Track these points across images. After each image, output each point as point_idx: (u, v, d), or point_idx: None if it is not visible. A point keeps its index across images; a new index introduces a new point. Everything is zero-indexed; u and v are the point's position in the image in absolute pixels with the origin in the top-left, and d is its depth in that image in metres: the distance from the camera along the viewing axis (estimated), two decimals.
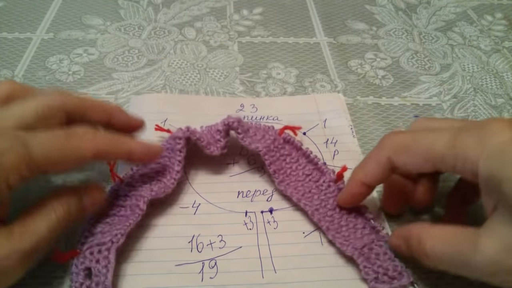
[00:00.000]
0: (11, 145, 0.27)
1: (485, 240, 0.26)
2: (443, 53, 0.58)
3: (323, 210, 0.36)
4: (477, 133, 0.27)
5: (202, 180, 0.40)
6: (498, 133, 0.26)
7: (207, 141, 0.39)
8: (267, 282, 0.33)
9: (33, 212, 0.29)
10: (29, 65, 0.51)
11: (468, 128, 0.28)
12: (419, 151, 0.30)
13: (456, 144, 0.28)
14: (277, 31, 0.60)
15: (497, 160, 0.26)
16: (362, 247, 0.34)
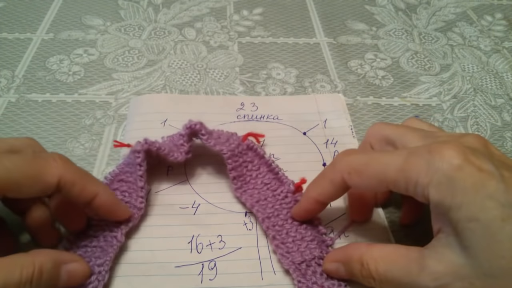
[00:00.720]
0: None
1: (432, 263, 0.26)
2: (443, 54, 0.58)
3: (275, 219, 0.36)
4: (428, 158, 0.26)
5: (202, 180, 0.40)
6: (448, 159, 0.26)
7: (168, 149, 0.38)
8: (267, 284, 0.33)
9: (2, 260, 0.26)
10: (29, 65, 0.51)
11: (419, 152, 0.27)
12: (371, 175, 0.29)
13: (407, 168, 0.27)
14: (277, 31, 0.60)
15: (445, 188, 0.25)
16: (301, 262, 0.33)
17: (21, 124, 0.44)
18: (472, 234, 0.24)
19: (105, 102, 0.47)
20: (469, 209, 0.24)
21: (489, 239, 0.24)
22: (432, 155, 0.26)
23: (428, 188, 0.26)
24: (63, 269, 0.28)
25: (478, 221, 0.24)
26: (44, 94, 0.48)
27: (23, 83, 0.49)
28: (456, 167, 0.25)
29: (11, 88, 0.48)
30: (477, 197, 0.24)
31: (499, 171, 0.25)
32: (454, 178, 0.25)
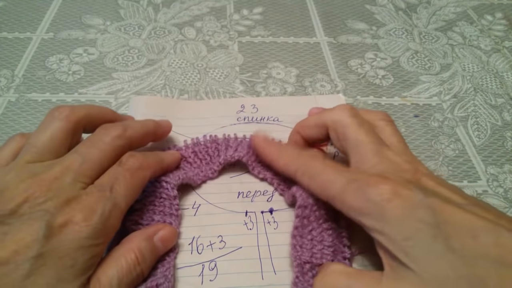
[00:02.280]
0: (109, 210, 0.29)
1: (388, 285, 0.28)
2: (443, 53, 0.58)
3: (309, 212, 0.35)
4: (364, 189, 0.29)
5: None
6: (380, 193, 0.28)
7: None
8: (267, 284, 0.33)
9: (105, 261, 0.29)
10: (29, 64, 0.51)
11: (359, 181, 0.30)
12: (317, 186, 0.33)
13: (345, 191, 0.30)
14: (277, 31, 0.60)
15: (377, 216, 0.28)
16: (306, 262, 0.33)
17: (21, 123, 0.44)
18: (410, 251, 0.27)
19: (105, 102, 0.47)
20: (402, 232, 0.27)
21: (427, 254, 0.26)
22: (367, 187, 0.29)
23: (360, 216, 0.29)
24: (156, 239, 0.32)
25: (413, 240, 0.27)
26: (44, 93, 0.48)
27: (23, 83, 0.49)
28: (387, 199, 0.28)
29: (11, 87, 0.48)
30: (408, 221, 0.27)
31: (427, 199, 0.28)
32: (383, 208, 0.28)
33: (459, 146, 0.46)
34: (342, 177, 0.31)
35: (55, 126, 0.32)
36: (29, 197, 0.27)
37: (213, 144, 0.41)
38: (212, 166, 0.40)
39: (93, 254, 0.27)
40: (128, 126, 0.34)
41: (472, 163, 0.44)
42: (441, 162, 0.44)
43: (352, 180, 0.30)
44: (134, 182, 0.32)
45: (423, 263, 0.26)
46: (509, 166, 0.44)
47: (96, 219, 0.28)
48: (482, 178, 0.43)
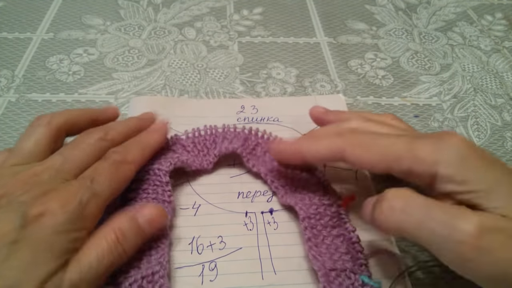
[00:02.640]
0: (87, 198, 0.29)
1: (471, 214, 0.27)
2: (443, 53, 0.58)
3: (315, 222, 0.35)
4: (436, 141, 0.29)
5: (202, 181, 0.40)
6: (457, 144, 0.29)
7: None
8: (267, 284, 0.33)
9: (87, 242, 0.29)
10: (29, 65, 0.51)
11: (424, 137, 0.30)
12: (376, 151, 0.31)
13: (414, 147, 0.29)
14: (277, 31, 0.60)
15: (458, 165, 0.28)
16: (331, 269, 0.32)
17: (21, 123, 0.44)
18: (502, 198, 0.27)
19: (105, 102, 0.47)
20: (489, 177, 0.27)
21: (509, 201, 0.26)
22: (440, 140, 0.29)
23: (437, 166, 0.28)
24: (140, 220, 0.31)
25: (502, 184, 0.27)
26: (44, 93, 0.48)
27: (23, 83, 0.49)
28: (467, 150, 0.28)
29: (11, 87, 0.48)
30: (488, 176, 0.27)
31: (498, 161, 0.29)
32: (466, 157, 0.28)
33: None
34: (403, 137, 0.31)
35: (38, 132, 0.33)
36: (7, 192, 0.29)
37: (211, 137, 0.41)
38: (208, 158, 0.40)
39: (71, 239, 0.28)
40: (110, 128, 0.35)
41: None
42: None
43: (416, 137, 0.30)
44: (118, 175, 0.32)
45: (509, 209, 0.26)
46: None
47: (73, 206, 0.28)
48: None
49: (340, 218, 0.36)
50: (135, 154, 0.34)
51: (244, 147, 0.40)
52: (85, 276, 0.27)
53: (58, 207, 0.28)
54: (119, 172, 0.32)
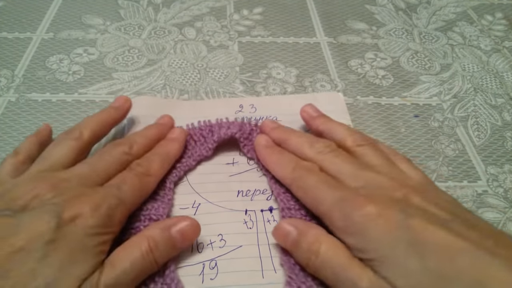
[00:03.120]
0: (115, 204, 0.31)
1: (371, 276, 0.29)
2: (443, 53, 0.58)
3: (295, 212, 0.36)
4: (349, 208, 0.31)
5: (202, 180, 0.40)
6: (364, 213, 0.30)
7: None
8: (267, 282, 0.33)
9: (122, 248, 0.31)
10: (29, 65, 0.51)
11: (347, 200, 0.31)
12: (310, 199, 0.34)
13: (332, 211, 0.32)
14: (277, 31, 0.60)
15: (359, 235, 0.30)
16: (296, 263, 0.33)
17: (21, 123, 0.44)
18: (387, 269, 0.28)
19: (105, 102, 0.47)
20: (380, 250, 0.28)
21: (401, 272, 0.27)
22: (352, 208, 0.31)
23: (344, 235, 0.31)
24: (173, 231, 0.32)
25: (390, 258, 0.28)
26: (44, 93, 0.48)
27: (23, 83, 0.49)
28: (369, 220, 0.29)
29: (11, 87, 0.48)
30: (386, 240, 0.28)
31: (407, 220, 0.29)
32: (365, 228, 0.29)
33: (459, 146, 0.46)
34: (333, 195, 0.32)
35: (68, 145, 0.36)
36: (39, 194, 0.30)
37: (207, 127, 0.42)
38: (207, 145, 0.41)
39: (101, 241, 0.29)
40: (134, 141, 0.38)
41: (472, 163, 0.44)
42: (441, 162, 0.44)
43: (341, 199, 0.32)
44: (141, 186, 0.34)
45: (400, 280, 0.27)
46: (509, 166, 0.44)
47: (103, 211, 0.30)
48: (482, 178, 0.43)
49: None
50: (156, 167, 0.36)
51: (241, 132, 0.41)
52: (119, 281, 0.29)
53: (90, 210, 0.29)
54: (142, 183, 0.34)
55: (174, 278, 0.32)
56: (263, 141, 0.40)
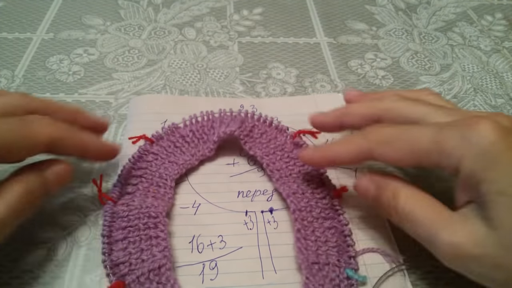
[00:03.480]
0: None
1: (458, 227, 0.27)
2: (443, 53, 0.58)
3: (306, 214, 0.35)
4: (463, 131, 0.27)
5: (202, 180, 0.40)
6: (484, 134, 0.27)
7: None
8: (268, 283, 0.33)
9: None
10: (29, 65, 0.51)
11: (454, 125, 0.28)
12: (403, 146, 0.30)
13: (441, 139, 0.28)
14: (277, 31, 0.60)
15: (480, 161, 0.26)
16: (314, 263, 0.32)
17: None
18: (499, 207, 0.25)
19: (105, 102, 0.47)
20: (500, 184, 0.25)
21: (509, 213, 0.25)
22: (467, 129, 0.27)
23: (461, 160, 0.27)
24: (48, 173, 0.31)
25: (507, 196, 0.25)
26: (44, 94, 0.48)
27: (23, 83, 0.49)
28: (492, 142, 0.26)
29: (11, 88, 0.48)
30: (510, 173, 0.25)
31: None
32: (489, 152, 0.26)
33: None
34: (430, 128, 0.29)
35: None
36: None
37: (209, 122, 0.42)
38: (209, 144, 0.40)
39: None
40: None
41: None
42: None
43: (443, 127, 0.29)
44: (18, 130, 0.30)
45: (509, 224, 0.25)
46: None
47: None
48: None
49: (334, 210, 0.37)
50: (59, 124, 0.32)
51: (242, 129, 0.40)
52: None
53: None
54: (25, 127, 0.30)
55: (170, 277, 0.31)
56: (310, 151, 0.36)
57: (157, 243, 0.33)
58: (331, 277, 0.32)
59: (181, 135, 0.41)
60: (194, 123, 0.42)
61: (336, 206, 0.37)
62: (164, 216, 0.34)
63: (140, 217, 0.34)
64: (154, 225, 0.34)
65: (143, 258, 0.32)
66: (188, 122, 0.42)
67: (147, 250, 0.33)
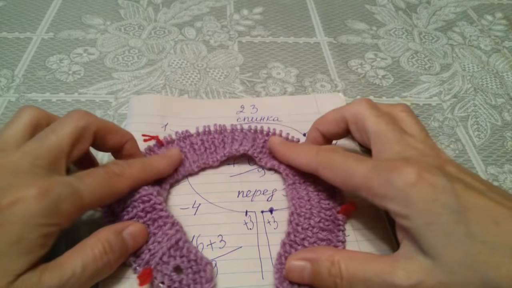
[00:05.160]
0: (67, 194, 0.28)
1: (404, 264, 0.28)
2: (443, 53, 0.58)
3: (304, 220, 0.36)
4: (388, 173, 0.29)
5: (203, 180, 0.40)
6: (404, 178, 0.29)
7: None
8: (267, 283, 0.33)
9: (72, 250, 0.29)
10: (29, 64, 0.51)
11: (382, 167, 0.30)
12: (340, 175, 0.33)
13: (369, 179, 0.30)
14: (277, 30, 0.60)
15: (401, 201, 0.29)
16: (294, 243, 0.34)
17: None
18: (431, 237, 0.27)
19: (105, 102, 0.47)
20: (425, 217, 0.28)
21: (445, 240, 0.27)
22: (391, 172, 0.29)
23: (385, 200, 0.29)
24: (125, 234, 0.32)
25: (435, 225, 0.27)
26: (44, 93, 0.48)
27: (23, 83, 0.49)
28: (411, 184, 0.28)
29: (11, 87, 0.48)
30: (432, 206, 0.27)
31: (451, 184, 0.28)
32: (408, 193, 0.28)
33: (459, 146, 0.46)
34: (365, 165, 0.31)
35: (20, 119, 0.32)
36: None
37: (220, 136, 0.42)
38: (216, 156, 0.41)
39: (42, 233, 0.27)
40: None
41: (472, 163, 0.44)
42: None
43: (375, 167, 0.31)
44: (109, 184, 0.32)
45: (441, 249, 0.27)
46: (509, 166, 0.44)
47: (50, 199, 0.27)
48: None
49: (335, 224, 0.36)
50: (133, 171, 0.34)
51: (254, 148, 0.41)
52: (66, 283, 0.27)
53: (34, 196, 0.26)
54: (111, 182, 0.32)
55: (190, 248, 0.32)
56: (277, 140, 0.40)
57: (163, 222, 0.34)
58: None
59: (190, 142, 0.42)
60: (206, 133, 0.42)
61: (339, 221, 0.36)
62: (156, 196, 0.34)
63: (135, 206, 0.34)
64: (152, 208, 0.34)
65: (158, 240, 0.33)
66: (200, 130, 0.43)
67: (158, 232, 0.34)
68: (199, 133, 0.42)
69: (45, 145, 0.30)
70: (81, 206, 0.29)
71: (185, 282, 0.31)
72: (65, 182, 0.29)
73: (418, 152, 0.31)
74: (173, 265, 0.32)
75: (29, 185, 0.27)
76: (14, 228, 0.25)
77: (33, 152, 0.29)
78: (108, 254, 0.30)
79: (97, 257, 0.29)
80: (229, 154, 0.40)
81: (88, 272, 0.28)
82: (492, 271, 0.26)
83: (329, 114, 0.38)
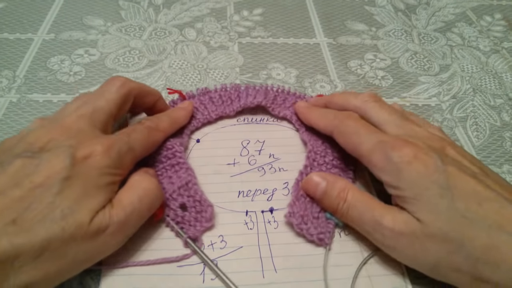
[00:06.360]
0: (125, 149, 0.34)
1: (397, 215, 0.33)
2: (442, 54, 0.58)
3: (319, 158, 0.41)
4: (388, 150, 0.33)
5: (203, 180, 0.40)
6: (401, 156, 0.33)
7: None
8: (268, 282, 0.33)
9: (125, 188, 0.33)
10: (30, 65, 0.52)
11: (385, 143, 0.34)
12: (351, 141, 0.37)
13: (372, 152, 0.35)
14: (277, 31, 0.60)
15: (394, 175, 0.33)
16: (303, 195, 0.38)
17: (22, 124, 0.45)
18: (417, 205, 0.31)
19: None
20: (414, 189, 0.32)
21: (429, 209, 0.31)
22: (392, 150, 0.33)
23: (381, 172, 0.34)
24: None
25: (422, 196, 0.31)
26: (45, 94, 0.48)
27: (24, 83, 0.49)
28: (406, 162, 0.32)
29: (12, 88, 0.49)
30: (422, 181, 0.31)
31: (444, 166, 0.32)
32: (402, 169, 0.32)
33: None
34: (372, 138, 0.35)
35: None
36: (53, 138, 0.32)
37: (236, 92, 0.47)
38: (232, 107, 0.46)
39: (111, 181, 0.32)
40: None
41: None
42: None
43: (380, 141, 0.34)
44: (149, 138, 0.37)
45: (425, 215, 0.31)
46: (508, 167, 0.44)
47: (114, 153, 0.33)
48: None
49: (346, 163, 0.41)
50: (165, 125, 0.40)
51: (267, 100, 0.46)
52: (129, 214, 0.32)
53: (102, 151, 0.32)
54: (151, 135, 0.38)
55: (197, 190, 0.37)
56: (303, 104, 0.45)
57: (179, 168, 0.39)
58: (314, 209, 0.37)
59: (209, 97, 0.47)
60: (223, 90, 0.47)
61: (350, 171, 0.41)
62: (179, 145, 0.40)
63: (160, 153, 0.39)
64: (173, 154, 0.39)
65: (172, 182, 0.38)
66: (218, 87, 0.47)
67: (173, 175, 0.38)
68: (217, 90, 0.47)
69: (97, 108, 0.35)
70: (135, 158, 0.35)
71: (187, 218, 0.36)
72: (121, 139, 0.34)
73: (422, 134, 0.35)
74: (180, 202, 0.36)
75: (95, 143, 0.32)
76: (92, 175, 0.31)
77: (88, 115, 0.35)
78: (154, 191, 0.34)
79: (147, 192, 0.34)
80: (244, 105, 0.45)
81: (144, 205, 0.33)
82: (468, 241, 0.29)
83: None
